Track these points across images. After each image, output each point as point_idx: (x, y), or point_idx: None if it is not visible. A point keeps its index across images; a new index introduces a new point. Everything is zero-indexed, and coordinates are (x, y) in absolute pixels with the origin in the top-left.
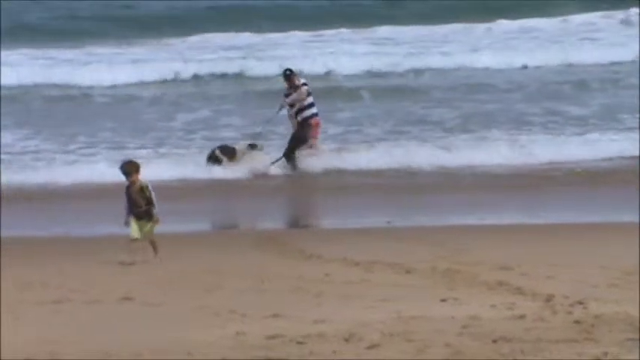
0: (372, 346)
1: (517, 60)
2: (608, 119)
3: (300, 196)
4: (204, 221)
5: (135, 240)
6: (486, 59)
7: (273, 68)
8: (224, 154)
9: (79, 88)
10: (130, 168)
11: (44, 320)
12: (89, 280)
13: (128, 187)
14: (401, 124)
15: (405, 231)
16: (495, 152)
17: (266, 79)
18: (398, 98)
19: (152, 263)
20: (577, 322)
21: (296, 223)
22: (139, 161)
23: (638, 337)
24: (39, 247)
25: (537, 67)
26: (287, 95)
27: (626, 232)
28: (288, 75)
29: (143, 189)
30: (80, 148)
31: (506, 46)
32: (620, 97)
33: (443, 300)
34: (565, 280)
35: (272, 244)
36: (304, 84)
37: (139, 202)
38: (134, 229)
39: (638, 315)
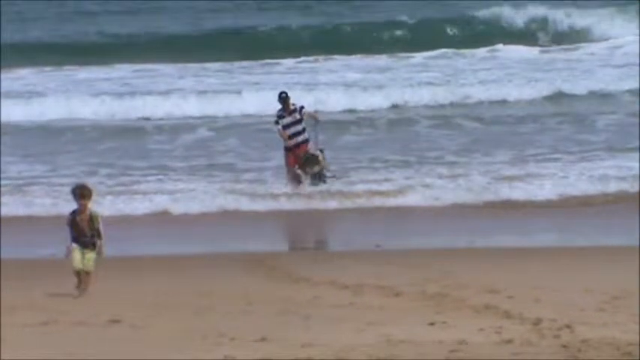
0: None
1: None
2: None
3: (289, 219)
4: (194, 244)
5: (79, 270)
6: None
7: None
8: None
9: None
10: (84, 192)
11: (31, 342)
12: (77, 301)
13: (74, 214)
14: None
15: (393, 254)
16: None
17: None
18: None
19: (76, 294)
20: (564, 346)
21: (285, 246)
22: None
23: None
24: (26, 269)
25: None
26: (281, 117)
27: (614, 256)
28: (284, 98)
29: (93, 219)
30: (75, 174)
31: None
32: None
33: (431, 324)
34: (552, 304)
35: (260, 267)
36: (302, 107)
37: (85, 231)
38: (77, 259)
39: (625, 339)
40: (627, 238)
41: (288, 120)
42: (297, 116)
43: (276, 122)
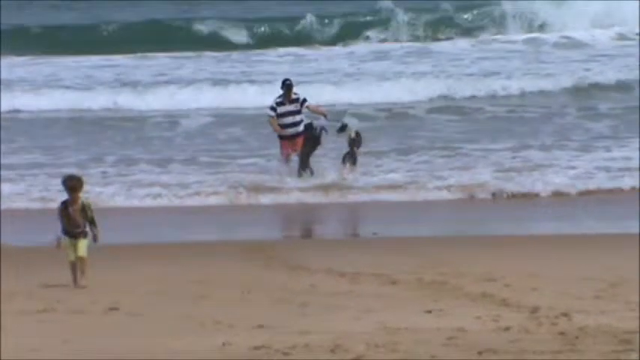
0: (357, 358)
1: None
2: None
3: (286, 207)
4: (191, 232)
5: (74, 262)
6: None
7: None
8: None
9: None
10: (76, 184)
11: (29, 330)
12: (74, 290)
13: (65, 205)
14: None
15: (390, 242)
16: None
17: None
18: None
19: (77, 287)
20: (562, 333)
21: (282, 234)
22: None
23: (621, 349)
24: (24, 256)
25: None
26: (280, 104)
27: (610, 244)
28: (288, 85)
29: (85, 208)
30: (75, 162)
31: None
32: None
33: (428, 311)
34: (550, 292)
35: (258, 256)
36: (304, 99)
37: (78, 222)
38: (70, 251)
39: (622, 327)
40: (625, 226)
41: (288, 108)
42: (298, 106)
43: (273, 109)
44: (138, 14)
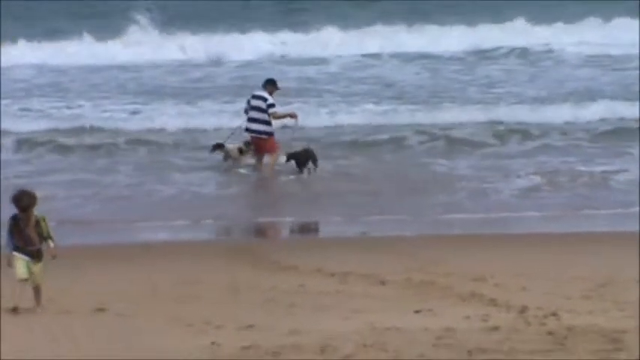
0: (346, 357)
1: None
2: None
3: (275, 206)
4: (179, 232)
5: (24, 281)
6: None
7: None
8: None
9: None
10: (28, 201)
11: (17, 331)
12: (62, 290)
13: (16, 221)
14: None
15: (379, 242)
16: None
17: None
18: None
19: (34, 312)
20: (550, 333)
21: (271, 234)
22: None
23: (610, 348)
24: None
25: None
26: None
27: (599, 244)
28: (274, 82)
29: (39, 223)
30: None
31: None
32: None
33: (417, 311)
34: (538, 292)
35: (247, 255)
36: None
37: (33, 240)
38: (21, 270)
39: (610, 326)
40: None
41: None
42: None
43: (274, 105)
44: None
